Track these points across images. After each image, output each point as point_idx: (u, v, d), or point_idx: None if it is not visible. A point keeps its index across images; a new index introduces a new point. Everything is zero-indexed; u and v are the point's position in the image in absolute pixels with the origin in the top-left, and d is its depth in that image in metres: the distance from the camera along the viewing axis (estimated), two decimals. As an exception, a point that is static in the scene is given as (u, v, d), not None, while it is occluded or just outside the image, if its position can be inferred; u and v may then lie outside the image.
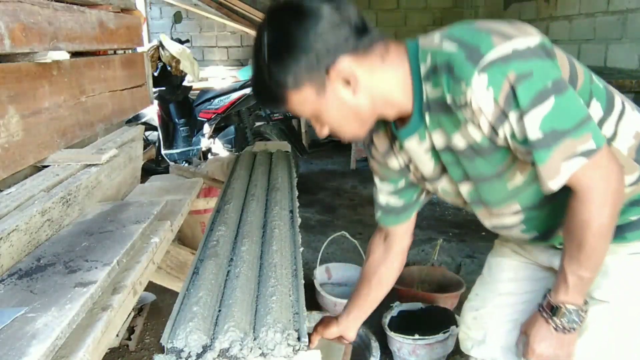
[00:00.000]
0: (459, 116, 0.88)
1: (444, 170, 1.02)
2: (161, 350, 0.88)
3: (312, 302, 2.13)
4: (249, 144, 3.70)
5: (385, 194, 1.16)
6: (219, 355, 0.86)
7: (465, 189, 1.03)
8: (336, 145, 5.59)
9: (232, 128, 4.01)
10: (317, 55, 0.85)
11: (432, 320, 1.96)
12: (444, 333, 1.82)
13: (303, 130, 5.36)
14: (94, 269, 1.00)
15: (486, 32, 0.84)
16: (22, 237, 1.05)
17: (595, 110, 0.93)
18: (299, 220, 1.52)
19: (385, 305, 2.08)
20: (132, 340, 2.06)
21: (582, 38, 3.94)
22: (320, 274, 2.30)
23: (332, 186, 4.29)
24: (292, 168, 2.05)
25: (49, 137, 1.32)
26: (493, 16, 5.20)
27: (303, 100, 0.90)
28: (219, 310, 1.00)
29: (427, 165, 1.03)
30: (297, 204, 1.64)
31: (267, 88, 0.90)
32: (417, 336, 1.81)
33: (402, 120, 0.98)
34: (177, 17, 4.46)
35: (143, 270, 1.17)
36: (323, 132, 0.97)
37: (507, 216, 1.04)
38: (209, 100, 4.05)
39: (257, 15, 6.71)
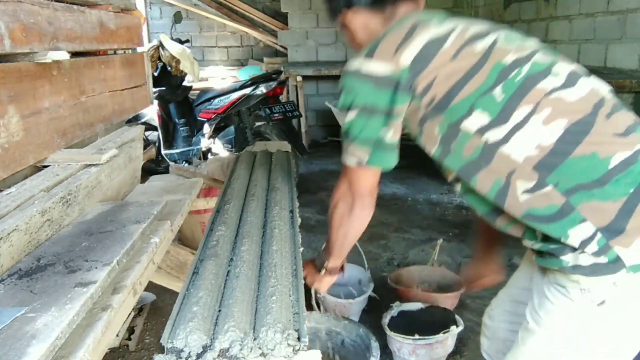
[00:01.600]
0: None
1: None
2: (161, 350, 0.88)
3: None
4: (249, 144, 3.70)
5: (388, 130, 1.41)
6: (219, 355, 0.86)
7: None
8: (336, 145, 5.59)
9: (232, 128, 4.01)
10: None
11: (432, 320, 1.96)
12: (444, 333, 1.82)
13: (303, 130, 5.36)
14: (94, 269, 1.00)
15: (375, 42, 1.06)
16: (22, 237, 1.06)
17: (478, 118, 0.98)
18: (299, 220, 1.52)
19: (385, 305, 2.08)
20: (132, 340, 2.06)
21: (582, 38, 3.94)
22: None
23: (332, 186, 4.26)
24: (292, 168, 2.05)
25: (49, 137, 1.32)
26: (493, 16, 5.20)
27: (341, 20, 1.24)
28: (219, 310, 1.00)
29: None
30: (297, 204, 1.64)
31: (327, 5, 1.28)
32: (417, 336, 1.81)
33: None
34: (177, 17, 4.46)
35: (143, 270, 1.17)
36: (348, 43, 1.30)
37: (455, 181, 1.12)
38: (209, 100, 4.05)
39: (257, 15, 6.72)
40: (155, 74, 3.90)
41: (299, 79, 5.26)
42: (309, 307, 1.21)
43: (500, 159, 0.96)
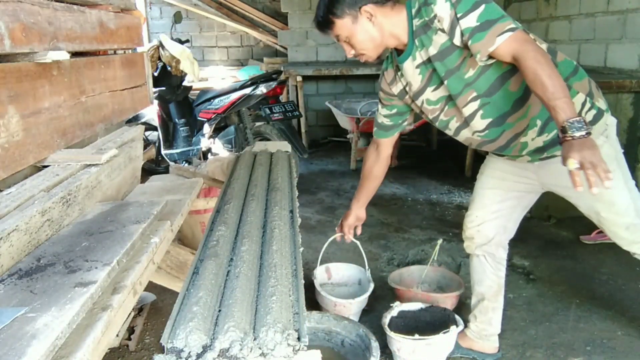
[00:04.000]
0: (432, 28, 1.44)
1: (427, 82, 1.55)
2: (161, 350, 0.88)
3: (313, 302, 2.13)
4: (249, 144, 3.70)
5: (382, 117, 1.79)
6: (219, 355, 0.86)
7: (440, 93, 1.55)
8: (336, 145, 5.59)
9: (232, 128, 4.01)
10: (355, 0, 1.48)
11: (432, 320, 1.96)
12: (444, 333, 1.82)
13: (303, 130, 5.36)
14: (94, 269, 1.00)
15: None
16: (22, 237, 1.06)
17: None
18: (299, 220, 1.52)
19: (385, 305, 2.08)
20: (132, 340, 2.06)
21: (582, 38, 3.94)
22: (320, 274, 2.30)
23: (332, 186, 4.29)
24: (292, 168, 2.05)
25: (49, 137, 1.32)
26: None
27: (342, 26, 1.50)
28: (219, 310, 1.00)
29: (416, 79, 1.57)
30: (297, 204, 1.64)
31: (322, 16, 1.51)
32: (417, 336, 1.81)
33: (401, 51, 1.56)
34: (177, 17, 4.46)
35: (143, 270, 1.17)
36: (350, 53, 1.57)
37: (469, 104, 1.51)
38: (209, 100, 4.05)
39: (257, 16, 6.73)
40: (155, 74, 3.90)
41: (299, 79, 5.26)
42: (309, 307, 1.20)
43: None
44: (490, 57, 1.41)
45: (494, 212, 1.80)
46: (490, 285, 1.89)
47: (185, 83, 4.22)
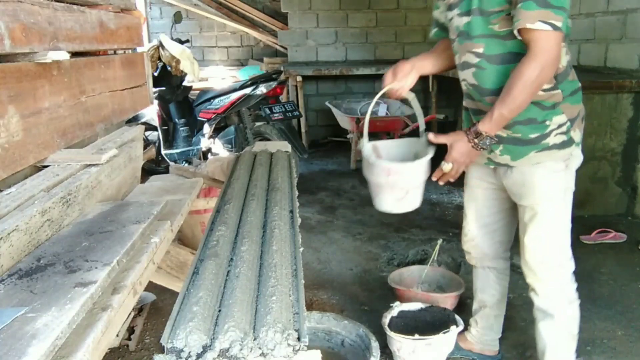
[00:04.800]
0: None
1: (460, 2, 1.49)
2: (161, 350, 0.88)
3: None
4: (249, 144, 3.70)
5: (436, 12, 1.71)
6: (219, 355, 0.86)
7: (461, 21, 1.49)
8: (336, 145, 5.59)
9: (232, 128, 4.01)
10: None
11: (432, 320, 1.96)
12: (444, 333, 1.82)
13: (303, 130, 5.36)
14: (94, 269, 1.00)
15: None
16: (22, 237, 1.06)
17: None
18: (299, 220, 1.52)
19: (385, 305, 2.08)
20: (132, 340, 2.06)
21: (582, 38, 3.94)
22: (367, 150, 1.68)
23: (332, 186, 4.29)
24: (292, 168, 2.05)
25: (49, 137, 1.32)
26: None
27: None
28: (219, 310, 1.00)
29: None
30: (297, 204, 1.64)
31: None
32: (417, 336, 1.81)
33: None
34: (177, 17, 4.46)
35: (143, 270, 1.17)
36: None
37: (471, 55, 1.49)
38: (209, 100, 4.05)
39: (257, 15, 6.73)
40: (155, 74, 3.90)
41: (299, 79, 5.26)
42: (309, 308, 1.19)
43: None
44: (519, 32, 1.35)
45: (484, 226, 1.78)
46: (493, 294, 1.88)
47: (185, 83, 4.22)
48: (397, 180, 1.54)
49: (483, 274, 1.87)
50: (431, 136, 1.52)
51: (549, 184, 1.52)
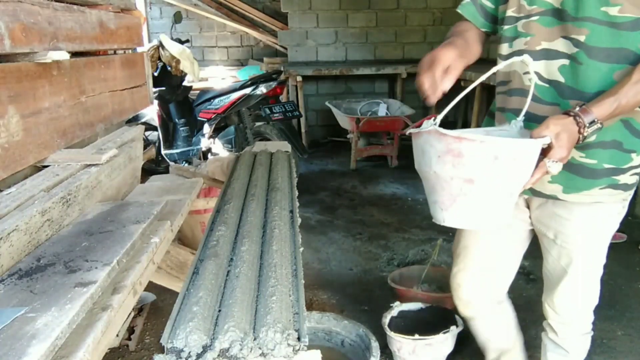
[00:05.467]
0: None
1: None
2: (161, 350, 0.88)
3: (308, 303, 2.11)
4: (249, 144, 3.70)
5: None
6: (219, 355, 0.86)
7: None
8: (336, 145, 5.59)
9: (232, 128, 4.01)
10: None
11: (432, 320, 1.96)
12: (444, 333, 1.82)
13: (303, 130, 5.36)
14: (94, 269, 1.00)
15: None
16: (22, 237, 1.05)
17: None
18: (299, 220, 1.52)
19: (385, 305, 2.08)
20: (132, 340, 2.06)
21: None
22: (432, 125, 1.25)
23: (332, 186, 4.29)
24: (292, 168, 2.05)
25: (49, 137, 1.32)
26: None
27: None
28: (219, 310, 1.00)
29: None
30: (297, 204, 1.64)
31: None
32: (417, 336, 1.81)
33: None
34: (177, 17, 4.46)
35: (143, 270, 1.17)
36: None
37: (566, 42, 1.12)
38: (209, 100, 4.05)
39: (257, 16, 6.72)
40: (155, 74, 3.90)
41: (299, 79, 5.26)
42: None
43: None
44: None
45: (489, 271, 1.44)
46: (507, 337, 1.59)
47: (185, 83, 4.22)
48: (501, 170, 1.02)
49: (490, 320, 1.55)
50: (535, 132, 1.06)
51: (601, 229, 1.26)
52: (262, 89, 3.88)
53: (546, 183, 1.21)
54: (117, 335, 2.01)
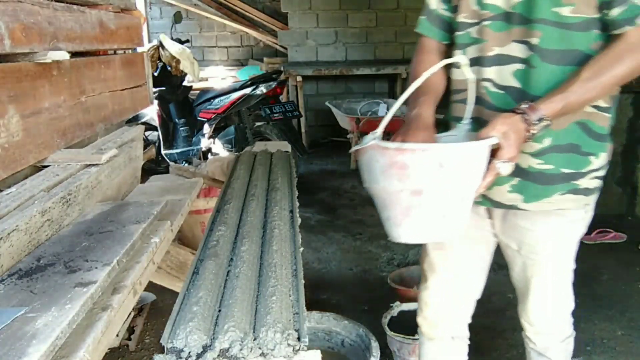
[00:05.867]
0: None
1: None
2: (161, 350, 0.88)
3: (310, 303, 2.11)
4: (249, 144, 3.70)
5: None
6: (219, 355, 0.86)
7: None
8: (336, 145, 5.59)
9: (232, 128, 4.02)
10: None
11: (432, 320, 1.96)
12: (444, 333, 1.81)
13: (303, 130, 5.36)
14: (94, 269, 1.00)
15: None
16: (22, 237, 1.06)
17: None
18: (299, 220, 1.52)
19: (385, 305, 2.08)
20: (132, 340, 2.06)
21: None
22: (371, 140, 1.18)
23: (332, 186, 4.29)
24: (292, 168, 2.05)
25: (49, 137, 1.32)
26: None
27: None
28: (219, 310, 1.00)
29: None
30: (297, 204, 1.64)
31: None
32: (417, 336, 1.81)
33: None
34: (177, 17, 4.47)
35: (143, 270, 1.17)
36: None
37: (520, 46, 1.10)
38: (209, 100, 4.05)
39: (257, 16, 6.72)
40: (155, 74, 3.90)
41: (299, 79, 5.26)
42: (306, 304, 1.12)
43: None
44: (604, 16, 1.03)
45: (458, 288, 1.37)
46: None
47: (185, 83, 4.22)
48: (448, 177, 0.98)
49: (448, 346, 1.45)
50: (481, 133, 1.03)
51: (566, 237, 1.23)
52: (262, 89, 3.88)
53: (506, 193, 1.18)
54: (117, 335, 2.01)
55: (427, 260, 1.38)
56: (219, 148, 4.04)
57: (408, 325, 1.95)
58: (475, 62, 1.16)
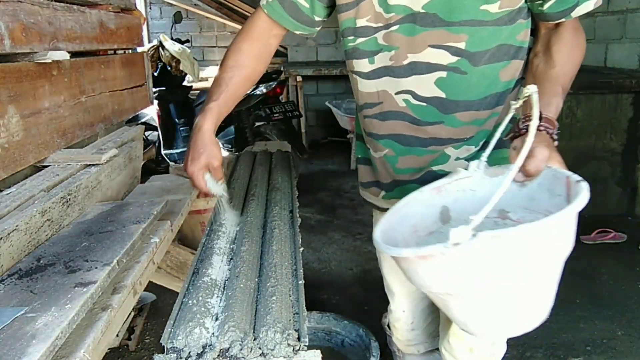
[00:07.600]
0: None
1: None
2: (161, 350, 0.88)
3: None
4: (249, 144, 3.70)
5: None
6: (219, 355, 0.86)
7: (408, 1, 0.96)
8: (336, 145, 5.59)
9: (232, 128, 4.01)
10: None
11: (432, 320, 1.96)
12: (444, 333, 1.81)
13: (303, 130, 5.36)
14: (94, 269, 1.00)
15: None
16: (22, 237, 1.06)
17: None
18: (299, 220, 1.52)
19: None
20: (132, 340, 2.06)
21: (582, 38, 3.94)
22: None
23: (332, 186, 4.29)
24: (292, 168, 2.05)
25: (49, 137, 1.32)
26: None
27: None
28: (219, 311, 1.00)
29: None
30: (297, 204, 1.64)
31: None
32: (417, 336, 1.81)
33: None
34: (177, 17, 4.47)
35: (143, 270, 1.17)
36: None
37: (442, 52, 0.96)
38: (209, 100, 4.05)
39: (257, 15, 6.72)
40: (155, 74, 3.90)
41: (299, 79, 5.26)
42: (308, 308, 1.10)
43: None
44: (539, 11, 0.96)
45: (409, 303, 1.32)
46: None
47: (185, 83, 4.22)
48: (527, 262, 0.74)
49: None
50: (516, 158, 0.79)
51: None
52: (262, 89, 3.88)
53: None
54: (117, 335, 2.01)
55: (385, 284, 1.34)
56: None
57: (408, 325, 1.95)
58: (385, 72, 1.03)
